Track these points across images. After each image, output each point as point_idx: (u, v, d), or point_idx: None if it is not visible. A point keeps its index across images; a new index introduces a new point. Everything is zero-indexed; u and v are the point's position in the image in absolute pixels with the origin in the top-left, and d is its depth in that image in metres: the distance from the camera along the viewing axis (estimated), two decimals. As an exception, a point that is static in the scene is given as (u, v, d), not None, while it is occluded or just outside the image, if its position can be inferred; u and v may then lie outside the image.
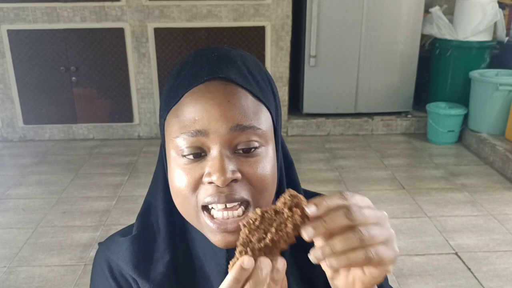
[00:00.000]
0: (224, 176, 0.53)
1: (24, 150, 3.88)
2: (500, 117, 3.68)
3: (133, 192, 3.11)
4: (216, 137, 0.55)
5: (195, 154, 0.56)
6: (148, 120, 4.11)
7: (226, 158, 0.55)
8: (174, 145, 0.57)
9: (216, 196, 0.55)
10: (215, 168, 0.54)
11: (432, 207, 2.89)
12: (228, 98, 0.55)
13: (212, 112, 0.55)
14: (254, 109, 0.57)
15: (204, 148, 0.56)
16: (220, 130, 0.55)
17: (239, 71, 0.58)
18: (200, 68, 0.58)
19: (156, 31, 3.87)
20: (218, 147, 0.55)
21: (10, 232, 2.63)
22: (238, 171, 0.55)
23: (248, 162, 0.56)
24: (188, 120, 0.55)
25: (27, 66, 3.89)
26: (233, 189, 0.55)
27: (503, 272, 2.27)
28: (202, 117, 0.55)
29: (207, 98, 0.55)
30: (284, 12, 3.90)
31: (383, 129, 4.22)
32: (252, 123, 0.56)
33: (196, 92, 0.56)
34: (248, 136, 0.56)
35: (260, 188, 0.57)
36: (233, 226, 0.55)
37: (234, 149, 0.56)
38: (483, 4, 3.82)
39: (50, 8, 3.77)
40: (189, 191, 0.56)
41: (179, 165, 0.57)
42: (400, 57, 4.12)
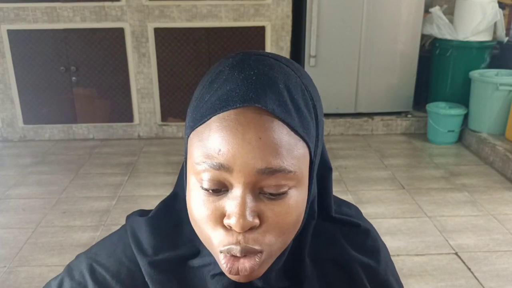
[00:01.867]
0: (244, 222, 0.48)
1: (24, 150, 3.88)
2: (500, 117, 3.68)
3: (133, 192, 3.11)
4: (241, 176, 0.49)
5: (216, 189, 0.50)
6: (148, 120, 4.11)
7: (248, 200, 0.49)
8: (194, 171, 0.52)
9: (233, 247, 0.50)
10: (235, 212, 0.49)
11: (432, 207, 2.89)
12: (260, 135, 0.48)
13: (240, 148, 0.48)
14: (289, 145, 0.50)
15: (226, 184, 0.50)
16: (245, 170, 0.48)
17: (279, 98, 0.50)
18: (234, 87, 0.50)
19: (156, 31, 3.87)
20: (241, 187, 0.49)
21: (10, 232, 2.63)
22: (257, 217, 0.50)
23: (272, 206, 0.50)
24: (212, 149, 0.49)
25: (27, 66, 3.89)
26: (249, 239, 0.50)
27: (503, 272, 2.27)
28: (228, 150, 0.48)
29: (236, 131, 0.48)
30: (284, 12, 3.90)
31: (383, 129, 4.22)
32: (284, 165, 0.49)
33: (225, 118, 0.49)
34: (277, 180, 0.49)
35: (277, 233, 0.51)
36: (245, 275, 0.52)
37: (259, 191, 0.50)
38: (483, 4, 3.82)
39: (50, 8, 3.77)
40: (208, 227, 0.52)
41: (198, 194, 0.52)
42: (400, 57, 4.12)
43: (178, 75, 3.99)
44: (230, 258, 0.51)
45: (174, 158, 3.70)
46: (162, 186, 3.19)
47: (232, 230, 0.50)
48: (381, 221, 2.69)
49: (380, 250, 0.68)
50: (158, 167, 3.51)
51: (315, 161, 0.55)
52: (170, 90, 4.03)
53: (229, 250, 0.50)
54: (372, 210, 2.82)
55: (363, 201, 2.95)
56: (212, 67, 0.56)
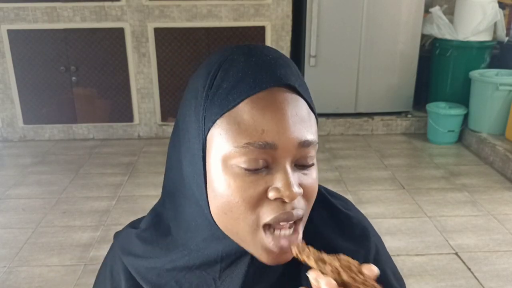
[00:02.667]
0: (293, 193, 0.51)
1: (24, 150, 3.88)
2: (500, 117, 3.68)
3: (133, 192, 3.11)
4: (285, 151, 0.52)
5: (258, 168, 0.52)
6: (148, 120, 4.11)
7: (291, 172, 0.53)
8: (230, 156, 0.52)
9: (285, 214, 0.52)
10: (284, 183, 0.51)
11: (432, 207, 2.89)
12: (296, 110, 0.53)
13: (283, 125, 0.51)
14: (311, 121, 0.55)
15: (268, 161, 0.52)
16: (290, 144, 0.52)
17: (297, 78, 0.55)
18: (260, 71, 0.53)
19: (156, 31, 3.87)
20: (286, 161, 0.52)
21: (10, 232, 2.63)
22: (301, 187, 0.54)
23: (306, 176, 0.55)
24: (254, 130, 0.51)
25: (27, 66, 3.89)
26: (294, 206, 0.53)
27: (503, 272, 2.26)
28: (271, 128, 0.51)
29: (276, 108, 0.51)
30: (284, 12, 3.90)
31: (383, 129, 4.22)
32: (314, 137, 0.55)
33: (260, 99, 0.51)
34: (311, 151, 0.54)
35: (311, 200, 0.57)
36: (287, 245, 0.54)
37: (295, 164, 0.54)
38: (483, 4, 3.82)
39: (50, 8, 3.77)
40: (250, 207, 0.52)
41: (237, 177, 0.52)
42: (400, 57, 4.12)
43: (178, 75, 3.99)
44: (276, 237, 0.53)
45: (174, 158, 3.69)
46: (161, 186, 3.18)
47: (278, 201, 0.52)
48: (381, 221, 2.69)
49: (370, 237, 0.68)
50: (158, 167, 3.51)
51: None
52: (170, 90, 4.03)
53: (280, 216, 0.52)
54: (372, 210, 2.81)
55: (363, 201, 2.95)
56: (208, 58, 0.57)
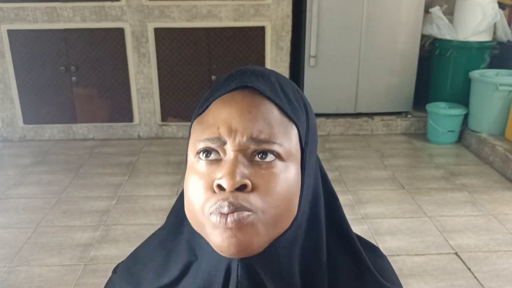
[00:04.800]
0: (233, 180, 0.51)
1: (24, 150, 3.88)
2: (500, 117, 3.68)
3: (133, 192, 3.11)
4: (233, 144, 0.53)
5: (209, 155, 0.55)
6: (148, 120, 4.11)
7: (240, 164, 0.53)
8: (193, 148, 0.57)
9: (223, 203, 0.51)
10: (226, 171, 0.52)
11: (432, 207, 2.89)
12: (250, 109, 0.54)
13: (232, 121, 0.54)
14: (278, 123, 0.55)
15: (221, 153, 0.54)
16: (236, 140, 0.53)
17: (271, 86, 0.57)
18: (231, 79, 0.58)
19: (156, 31, 3.87)
20: (233, 152, 0.53)
21: (10, 232, 2.63)
22: (248, 180, 0.52)
23: (262, 173, 0.53)
24: (210, 127, 0.55)
25: (27, 66, 3.89)
26: (239, 198, 0.51)
27: (503, 272, 2.27)
28: (222, 124, 0.54)
29: (231, 107, 0.55)
30: (284, 12, 3.90)
31: (383, 129, 4.22)
32: (271, 137, 0.54)
33: (222, 100, 0.56)
34: (266, 148, 0.54)
35: (270, 202, 0.53)
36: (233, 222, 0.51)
37: (251, 156, 0.54)
38: (483, 4, 3.82)
39: (50, 8, 3.77)
40: (202, 197, 0.54)
41: (195, 169, 0.56)
42: (400, 57, 4.12)
43: (178, 75, 3.99)
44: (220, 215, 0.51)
45: (174, 158, 3.70)
46: (162, 186, 3.19)
47: (221, 192, 0.52)
48: (381, 221, 2.69)
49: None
50: (158, 167, 3.51)
51: (308, 151, 0.58)
52: (170, 90, 4.03)
53: (218, 207, 0.51)
54: (372, 210, 2.82)
55: (363, 201, 2.95)
56: None
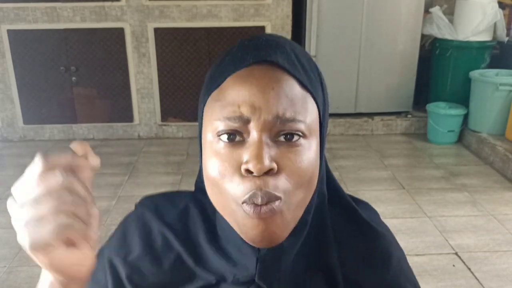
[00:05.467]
0: (262, 164, 0.50)
1: (24, 150, 3.88)
2: (500, 117, 3.68)
3: (133, 192, 3.11)
4: (259, 124, 0.52)
5: (233, 137, 0.53)
6: (148, 120, 4.11)
7: (265, 145, 0.51)
8: (212, 128, 0.54)
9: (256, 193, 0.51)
10: (253, 154, 0.51)
11: (432, 207, 2.89)
12: (272, 85, 0.52)
13: (255, 99, 0.52)
14: (299, 99, 0.54)
15: (244, 134, 0.53)
16: (261, 118, 0.52)
17: (288, 57, 0.55)
18: (246, 52, 0.55)
19: (156, 31, 3.87)
20: (258, 133, 0.52)
21: (10, 232, 2.63)
22: (275, 162, 0.52)
23: (288, 153, 0.53)
24: (230, 104, 0.53)
25: (27, 66, 3.89)
26: (268, 184, 0.51)
27: (503, 272, 2.26)
28: (244, 103, 0.52)
29: (251, 84, 0.52)
30: (284, 12, 3.90)
31: (383, 129, 4.22)
32: (295, 115, 0.53)
33: (240, 75, 0.53)
34: (290, 128, 0.52)
35: (295, 183, 0.53)
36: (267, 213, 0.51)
37: (275, 136, 0.53)
38: (483, 4, 3.82)
39: (50, 8, 3.77)
40: (227, 181, 0.53)
41: (215, 150, 0.54)
42: (400, 57, 4.12)
43: (178, 75, 3.99)
44: (254, 206, 0.51)
45: (174, 158, 3.70)
46: (162, 186, 3.19)
47: (250, 176, 0.51)
48: (381, 221, 2.68)
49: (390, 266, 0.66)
50: (158, 167, 3.51)
51: (325, 123, 0.59)
52: (170, 90, 4.03)
53: (251, 196, 0.51)
54: (372, 210, 2.81)
55: (363, 201, 2.95)
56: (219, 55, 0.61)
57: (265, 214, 0.51)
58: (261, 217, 0.51)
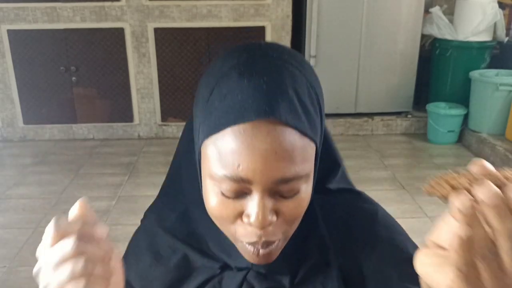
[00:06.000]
0: (264, 223, 0.53)
1: (24, 150, 3.88)
2: (500, 117, 3.68)
3: (133, 192, 3.11)
4: (259, 186, 0.53)
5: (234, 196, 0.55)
6: (148, 120, 4.11)
7: (266, 201, 0.54)
8: (212, 177, 0.55)
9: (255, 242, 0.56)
10: (255, 213, 0.53)
11: (432, 207, 2.89)
12: (275, 149, 0.51)
13: (258, 164, 0.51)
14: (300, 150, 0.53)
15: (245, 191, 0.54)
16: (263, 181, 0.52)
17: (290, 106, 0.52)
18: (246, 98, 0.51)
19: (156, 31, 3.87)
20: (259, 194, 0.53)
21: (10, 232, 2.63)
22: (275, 214, 0.55)
23: (287, 203, 0.55)
24: (230, 162, 0.52)
25: (27, 66, 3.89)
26: (269, 232, 0.55)
27: (503, 272, 2.26)
28: (246, 166, 0.51)
29: (253, 146, 0.51)
30: (284, 12, 3.90)
31: (383, 129, 4.22)
32: (297, 171, 0.53)
33: (241, 132, 0.51)
34: (292, 185, 0.54)
35: (291, 224, 0.58)
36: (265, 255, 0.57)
37: (275, 193, 0.54)
38: (483, 4, 3.82)
39: (50, 8, 3.77)
40: (228, 223, 0.57)
41: (218, 197, 0.55)
42: (400, 57, 4.12)
43: (178, 75, 3.99)
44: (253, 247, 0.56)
45: (174, 158, 3.69)
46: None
47: (252, 226, 0.54)
48: (381, 221, 2.68)
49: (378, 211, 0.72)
50: (158, 167, 3.51)
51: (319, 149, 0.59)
52: (170, 90, 4.03)
53: (252, 243, 0.56)
54: (372, 210, 2.81)
55: (363, 201, 2.95)
56: (214, 63, 0.58)
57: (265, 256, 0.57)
58: (260, 258, 0.57)
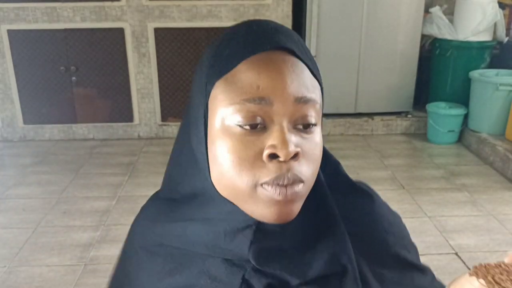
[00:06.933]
0: (288, 149, 0.51)
1: (24, 150, 3.88)
2: (500, 117, 3.68)
3: (133, 192, 3.11)
4: (281, 107, 0.52)
5: (255, 124, 0.52)
6: (148, 120, 4.11)
7: (288, 131, 0.53)
8: (228, 113, 0.53)
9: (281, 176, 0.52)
10: (279, 140, 0.51)
11: (432, 207, 2.89)
12: (293, 68, 0.54)
13: (279, 80, 0.52)
14: (311, 83, 0.56)
15: (265, 119, 0.53)
16: (286, 99, 0.52)
17: (297, 45, 0.57)
18: (258, 37, 0.55)
19: (156, 31, 3.87)
20: (282, 118, 0.53)
21: (10, 232, 2.63)
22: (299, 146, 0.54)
23: (306, 139, 0.55)
24: (250, 87, 0.52)
25: (27, 66, 3.89)
26: (293, 168, 0.52)
27: (503, 272, 2.26)
28: (267, 84, 0.52)
29: (272, 66, 0.53)
30: (284, 12, 3.90)
31: (383, 129, 4.22)
32: (314, 96, 0.55)
33: (256, 60, 0.53)
34: (310, 110, 0.54)
35: (314, 167, 0.56)
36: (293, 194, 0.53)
37: (294, 124, 0.54)
38: (483, 4, 3.82)
39: (50, 8, 3.77)
40: (247, 166, 0.52)
41: (235, 137, 0.53)
42: (400, 57, 4.12)
43: (178, 75, 3.99)
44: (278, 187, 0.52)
45: (174, 158, 3.69)
46: (162, 186, 3.18)
47: (274, 161, 0.52)
48: (381, 221, 2.68)
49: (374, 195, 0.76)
50: (158, 167, 3.51)
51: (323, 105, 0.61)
52: (170, 90, 4.03)
53: (277, 178, 0.52)
54: (372, 210, 2.81)
55: (363, 201, 2.95)
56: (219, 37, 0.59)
57: (291, 196, 0.53)
58: (287, 198, 0.52)
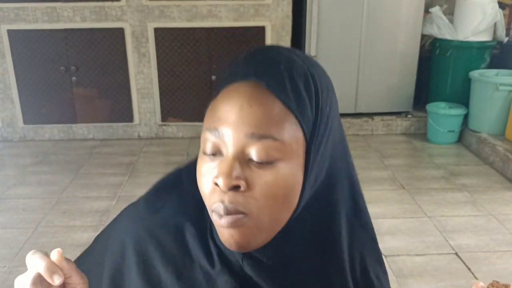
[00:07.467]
0: (228, 180, 0.52)
1: (24, 150, 3.88)
2: (500, 117, 3.68)
3: (133, 192, 3.11)
4: (230, 140, 0.53)
5: (215, 152, 0.55)
6: (148, 120, 4.11)
7: (236, 163, 0.53)
8: (202, 138, 0.57)
9: (219, 206, 0.54)
10: (221, 170, 0.53)
11: (432, 207, 2.89)
12: (251, 103, 0.53)
13: (231, 115, 0.53)
14: (278, 117, 0.53)
15: (222, 150, 0.54)
16: (234, 134, 0.53)
17: (277, 77, 0.55)
18: (242, 68, 0.57)
19: (156, 31, 3.87)
20: (230, 150, 0.53)
21: (10, 232, 2.63)
22: (244, 180, 0.53)
23: (260, 174, 0.53)
24: (215, 117, 0.55)
25: (27, 66, 3.89)
26: (235, 200, 0.53)
27: (503, 272, 2.27)
28: (224, 117, 0.54)
29: (233, 99, 0.54)
30: (284, 12, 3.90)
31: (383, 129, 4.22)
32: (271, 133, 0.52)
33: (230, 90, 0.55)
34: (264, 147, 0.52)
35: (265, 203, 0.54)
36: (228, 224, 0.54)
37: (248, 157, 0.53)
38: (483, 4, 3.82)
39: (50, 8, 3.77)
40: (205, 187, 0.56)
41: (202, 162, 0.57)
42: (400, 57, 4.12)
43: (178, 75, 3.99)
44: (219, 216, 0.54)
45: (174, 158, 3.70)
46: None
47: (218, 189, 0.54)
48: (381, 221, 2.69)
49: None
50: (158, 167, 3.51)
51: (313, 147, 0.56)
52: (170, 90, 4.03)
53: (216, 208, 0.54)
54: (372, 210, 2.79)
55: (363, 201, 2.95)
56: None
57: (227, 225, 0.54)
58: (230, 226, 0.54)
